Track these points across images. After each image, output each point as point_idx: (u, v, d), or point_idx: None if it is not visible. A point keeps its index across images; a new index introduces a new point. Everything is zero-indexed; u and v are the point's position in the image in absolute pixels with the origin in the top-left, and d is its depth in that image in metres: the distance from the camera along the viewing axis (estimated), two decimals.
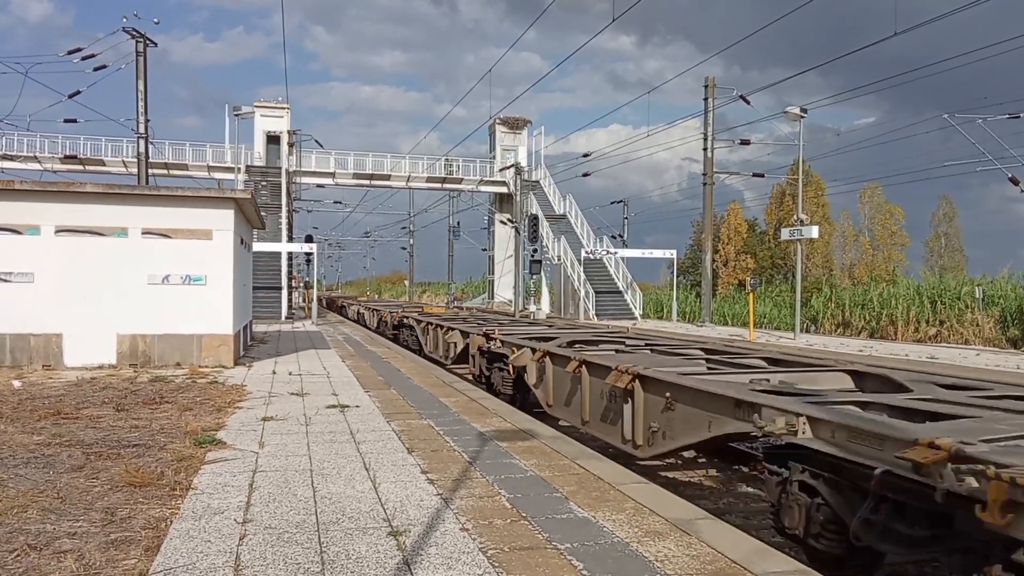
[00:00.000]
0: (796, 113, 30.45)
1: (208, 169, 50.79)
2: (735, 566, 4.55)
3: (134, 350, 15.02)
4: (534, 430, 8.89)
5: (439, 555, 4.68)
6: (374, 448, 7.81)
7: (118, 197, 15.05)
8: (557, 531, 5.18)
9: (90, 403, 10.46)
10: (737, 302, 50.52)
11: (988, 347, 29.08)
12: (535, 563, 4.56)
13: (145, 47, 26.15)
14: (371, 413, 10.01)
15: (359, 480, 6.50)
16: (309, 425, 9.08)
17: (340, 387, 12.59)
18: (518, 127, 60.75)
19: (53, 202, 14.62)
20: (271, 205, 43.51)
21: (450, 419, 9.60)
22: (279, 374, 14.42)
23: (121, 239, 14.88)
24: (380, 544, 4.88)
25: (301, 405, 10.60)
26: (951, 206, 69.85)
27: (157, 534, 5.01)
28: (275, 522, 5.32)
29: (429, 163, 57.42)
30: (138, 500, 5.82)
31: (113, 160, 49.23)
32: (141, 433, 8.44)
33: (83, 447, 7.62)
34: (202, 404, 10.52)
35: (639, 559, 4.64)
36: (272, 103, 51.97)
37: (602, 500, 5.97)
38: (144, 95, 26.26)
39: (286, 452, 7.59)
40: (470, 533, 5.12)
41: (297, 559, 4.59)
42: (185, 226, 15.13)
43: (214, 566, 4.46)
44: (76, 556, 4.56)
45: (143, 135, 26.45)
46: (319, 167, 54.94)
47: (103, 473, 6.59)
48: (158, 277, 14.98)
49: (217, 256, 15.32)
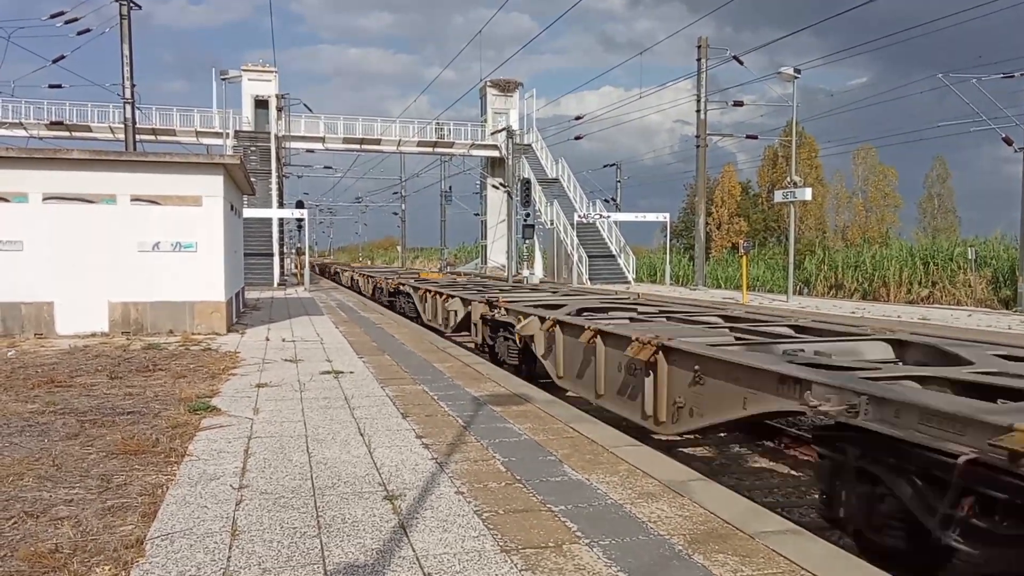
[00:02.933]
0: (789, 74, 30.24)
1: (196, 135, 50.32)
2: (728, 526, 4.59)
3: (126, 318, 14.98)
4: (528, 394, 8.92)
5: (434, 518, 4.72)
6: (369, 413, 7.83)
7: (106, 163, 14.89)
8: (551, 494, 5.21)
9: (83, 371, 10.44)
10: (730, 265, 50.64)
11: (980, 308, 29.27)
12: (529, 525, 4.60)
13: (129, 10, 25.68)
14: (365, 379, 10.02)
15: (354, 445, 6.53)
16: (303, 391, 9.09)
17: (334, 353, 12.60)
18: (509, 89, 60.21)
19: (40, 169, 14.45)
20: (261, 171, 43.13)
21: (444, 384, 9.63)
22: (272, 341, 14.42)
23: (110, 206, 14.75)
24: (376, 508, 4.91)
25: (295, 371, 10.61)
26: (944, 167, 69.68)
27: (153, 500, 5.02)
28: (271, 487, 5.34)
29: (420, 127, 57.01)
30: (134, 467, 5.83)
31: (100, 126, 48.69)
32: (135, 401, 8.44)
33: (77, 415, 7.62)
34: (196, 371, 10.52)
35: (633, 520, 4.69)
36: (260, 67, 51.41)
37: (596, 463, 6.01)
38: (129, 59, 25.86)
39: (281, 418, 7.61)
40: (465, 496, 5.15)
41: (294, 523, 4.61)
42: (174, 193, 15.00)
43: (211, 531, 4.48)
44: (73, 523, 4.58)
45: (129, 100, 26.10)
46: (308, 132, 54.46)
47: (98, 441, 6.60)
48: (148, 244, 14.88)
49: (207, 223, 15.21)
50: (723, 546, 4.28)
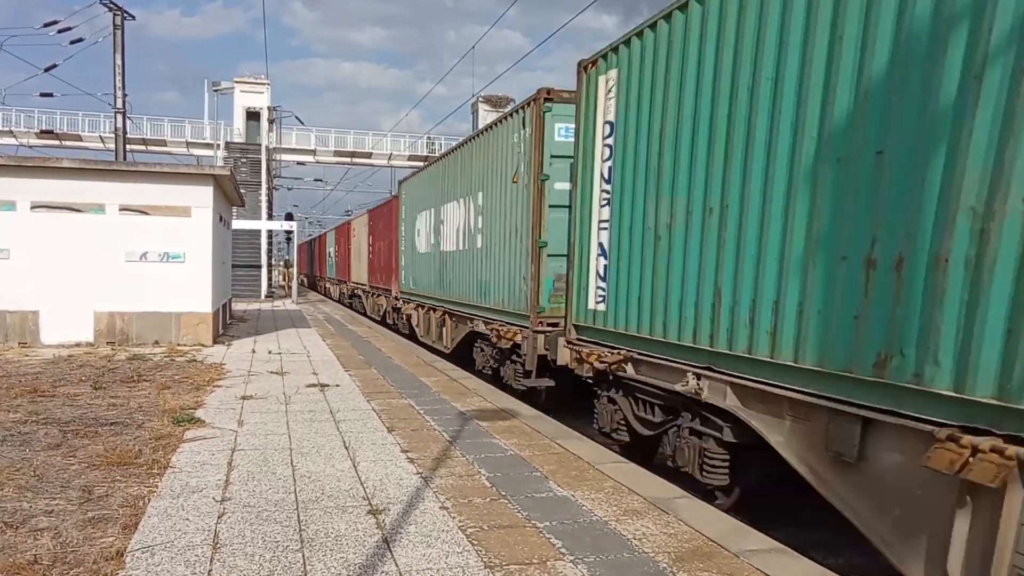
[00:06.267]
0: None
1: (187, 145, 50.18)
2: (712, 544, 4.59)
3: (112, 328, 14.88)
4: (514, 410, 8.91)
5: (418, 533, 4.70)
6: (354, 427, 7.80)
7: (95, 173, 14.83)
8: (536, 510, 5.20)
9: (67, 381, 10.36)
10: None
11: None
12: (514, 541, 4.59)
13: (123, 20, 25.68)
14: (351, 392, 9.99)
15: (339, 459, 6.50)
16: (289, 404, 9.05)
17: (320, 366, 12.55)
18: (501, 105, 60.34)
19: (29, 177, 14.39)
20: (251, 182, 43.05)
21: (430, 399, 9.60)
22: (259, 353, 14.35)
23: (98, 215, 14.69)
24: (360, 522, 4.88)
25: (281, 384, 10.56)
26: None
27: (135, 512, 4.98)
28: (254, 500, 5.31)
29: (411, 141, 57.08)
30: (116, 478, 5.78)
31: (90, 135, 48.50)
32: (119, 411, 8.38)
33: (60, 425, 7.55)
34: (181, 382, 10.45)
35: (617, 537, 4.68)
36: (252, 79, 51.35)
37: (581, 479, 6.00)
38: (122, 69, 25.83)
39: (265, 431, 7.57)
40: (449, 512, 5.13)
41: (276, 537, 4.58)
42: (163, 203, 14.96)
43: (192, 544, 4.44)
44: (53, 534, 4.54)
45: (120, 110, 26.04)
46: (299, 144, 54.43)
47: (80, 451, 6.55)
48: (136, 254, 14.82)
49: (196, 233, 15.16)
50: (707, 564, 4.28)
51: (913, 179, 4.17)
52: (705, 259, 6.24)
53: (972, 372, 3.77)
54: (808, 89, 5.05)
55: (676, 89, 6.77)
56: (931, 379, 3.98)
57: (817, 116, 4.96)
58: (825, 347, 4.78)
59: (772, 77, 5.46)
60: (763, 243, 5.48)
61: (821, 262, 4.85)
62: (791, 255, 5.16)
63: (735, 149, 5.87)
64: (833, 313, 4.72)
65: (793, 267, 5.13)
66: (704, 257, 6.25)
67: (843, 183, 4.68)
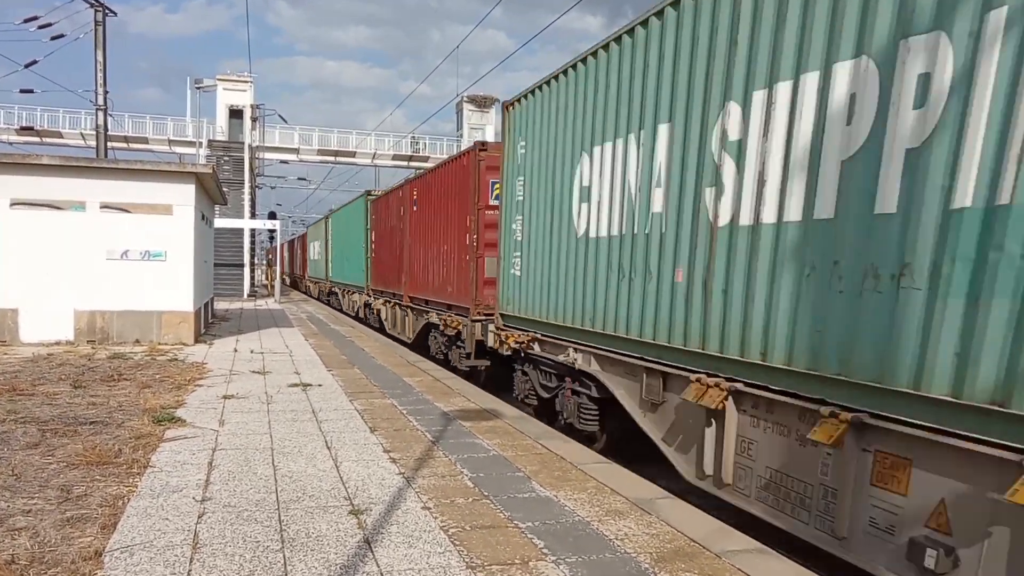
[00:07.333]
0: None
1: (169, 143, 49.84)
2: (694, 544, 4.61)
3: (92, 326, 14.75)
4: (498, 410, 8.91)
5: (400, 533, 4.68)
6: (336, 427, 7.77)
7: (76, 170, 14.69)
8: (519, 510, 5.20)
9: (46, 379, 10.26)
10: None
11: None
12: (496, 541, 4.58)
13: (104, 16, 25.44)
14: (334, 392, 9.95)
15: (321, 459, 6.47)
16: (271, 403, 9.00)
17: (303, 365, 12.49)
18: (486, 105, 60.41)
19: (8, 175, 14.23)
20: (234, 181, 42.76)
21: (413, 398, 9.58)
22: (241, 352, 14.27)
23: (79, 213, 14.55)
24: (341, 523, 4.87)
25: (263, 383, 10.50)
26: None
27: (114, 512, 4.94)
28: (235, 500, 5.27)
29: (395, 140, 56.96)
30: (95, 478, 5.73)
31: (71, 132, 48.06)
32: (99, 410, 8.30)
33: (39, 424, 7.48)
34: (161, 381, 10.37)
35: (600, 538, 4.69)
36: (235, 76, 51.03)
37: (564, 479, 6.01)
38: (103, 66, 25.58)
39: (247, 430, 7.52)
40: (432, 512, 5.12)
41: (256, 537, 4.56)
42: (145, 201, 14.84)
43: (172, 544, 4.41)
44: (31, 534, 4.49)
45: (102, 107, 25.78)
46: (283, 143, 54.20)
47: (59, 450, 6.48)
48: (117, 252, 14.69)
49: (177, 232, 15.06)
50: (689, 564, 4.29)
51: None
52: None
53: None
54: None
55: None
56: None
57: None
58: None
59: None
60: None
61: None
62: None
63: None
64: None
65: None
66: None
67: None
